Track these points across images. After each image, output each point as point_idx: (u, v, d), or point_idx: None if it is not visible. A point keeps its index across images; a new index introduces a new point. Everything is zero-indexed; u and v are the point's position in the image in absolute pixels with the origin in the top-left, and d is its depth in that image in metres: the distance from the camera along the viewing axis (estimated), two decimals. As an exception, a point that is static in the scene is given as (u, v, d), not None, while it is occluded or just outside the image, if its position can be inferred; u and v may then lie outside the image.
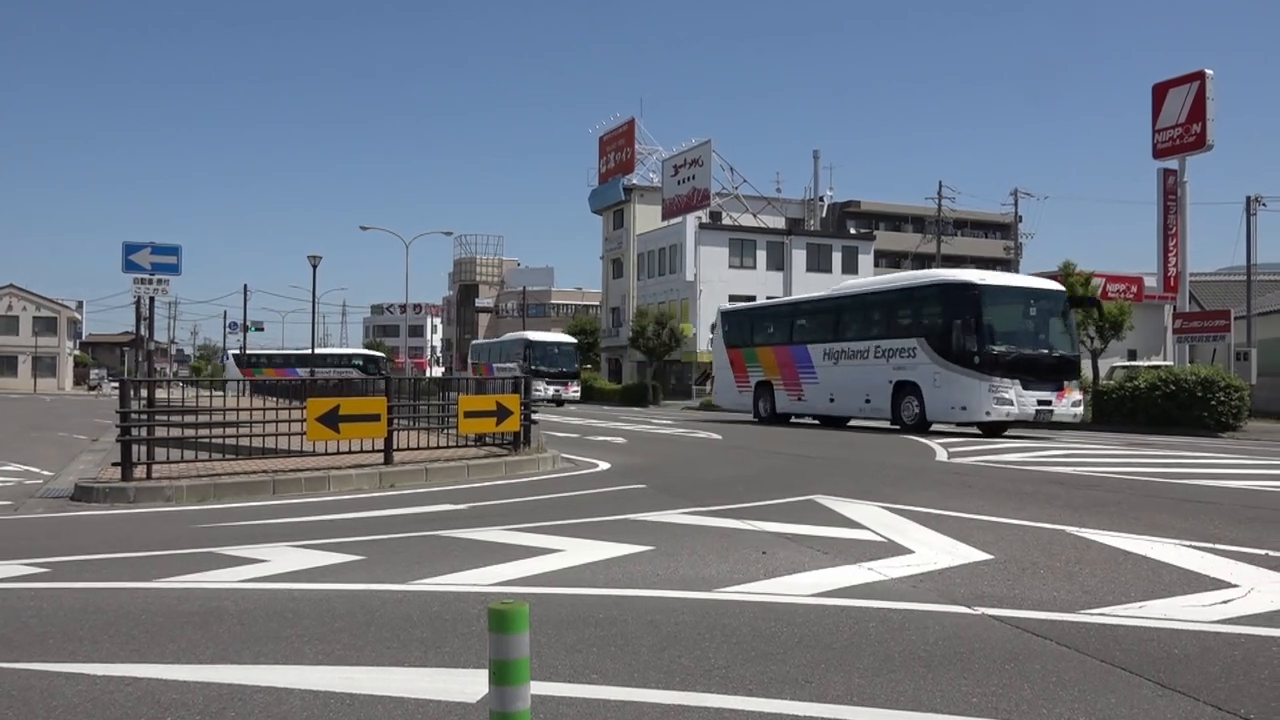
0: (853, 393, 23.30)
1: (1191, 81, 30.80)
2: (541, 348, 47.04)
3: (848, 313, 24.55)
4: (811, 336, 25.35)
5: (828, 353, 24.33)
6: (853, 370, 23.29)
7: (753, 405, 27.30)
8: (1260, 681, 3.74)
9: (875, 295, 24.02)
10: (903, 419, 21.46)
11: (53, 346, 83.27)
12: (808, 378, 25.07)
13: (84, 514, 9.43)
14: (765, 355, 27.12)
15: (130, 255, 15.18)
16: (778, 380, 26.36)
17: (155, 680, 3.87)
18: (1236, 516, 8.02)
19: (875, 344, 22.68)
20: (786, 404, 25.99)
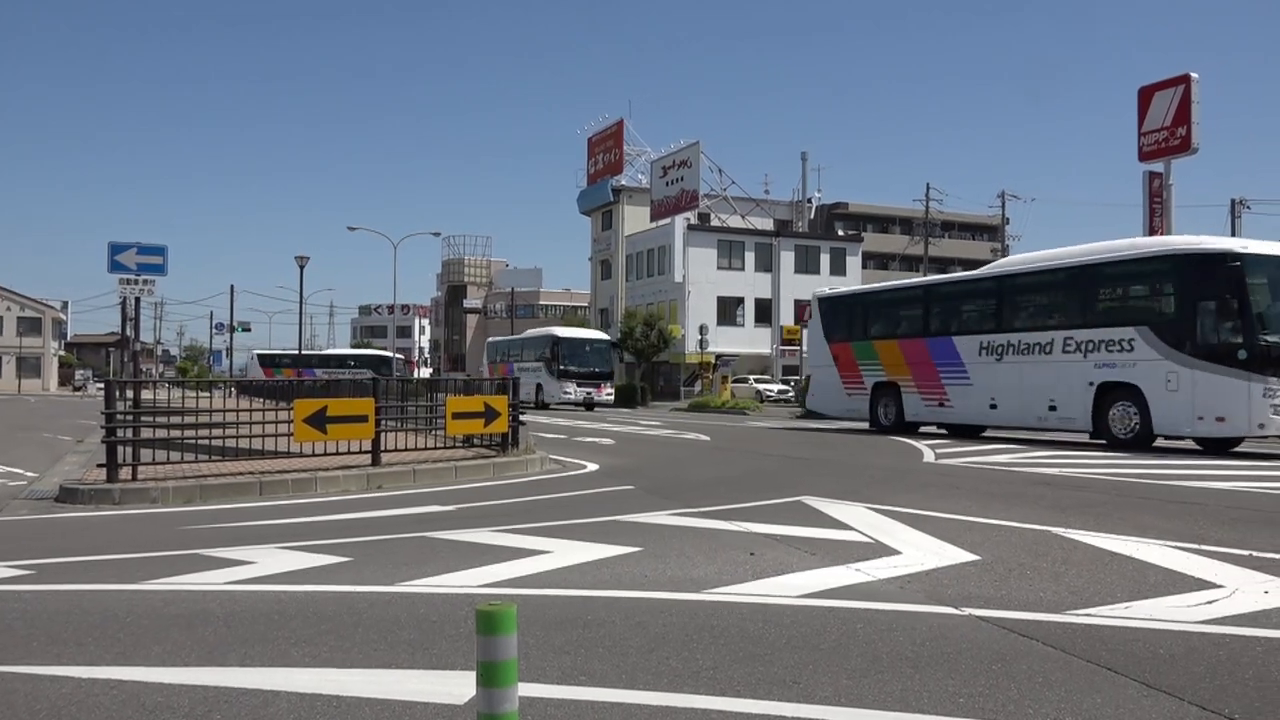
0: (1028, 397, 18.12)
1: (1177, 85, 31.00)
2: (570, 345, 41.89)
3: (1019, 295, 19.49)
4: (959, 326, 20.33)
5: (987, 346, 19.17)
6: (1027, 368, 18.18)
7: (869, 411, 22.28)
8: (1244, 681, 3.77)
9: (1065, 272, 18.26)
10: (1112, 431, 16.51)
11: (37, 347, 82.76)
12: (954, 378, 19.96)
13: (68, 516, 9.37)
14: (888, 350, 21.95)
15: (116, 255, 15.09)
16: (906, 381, 21.24)
17: (140, 683, 3.85)
18: (1221, 517, 8.07)
19: (1066, 335, 17.49)
20: (919, 410, 20.93)
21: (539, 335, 44.95)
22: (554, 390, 39.87)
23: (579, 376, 40.43)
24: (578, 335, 43.98)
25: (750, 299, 55.84)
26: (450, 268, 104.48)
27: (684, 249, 54.25)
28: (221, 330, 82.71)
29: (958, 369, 19.97)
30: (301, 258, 44.01)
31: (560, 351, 40.81)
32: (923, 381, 20.87)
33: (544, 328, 50.56)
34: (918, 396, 20.98)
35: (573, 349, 41.68)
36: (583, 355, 41.90)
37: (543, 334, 44.69)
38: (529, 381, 39.69)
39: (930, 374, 20.63)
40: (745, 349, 53.99)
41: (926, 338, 21.05)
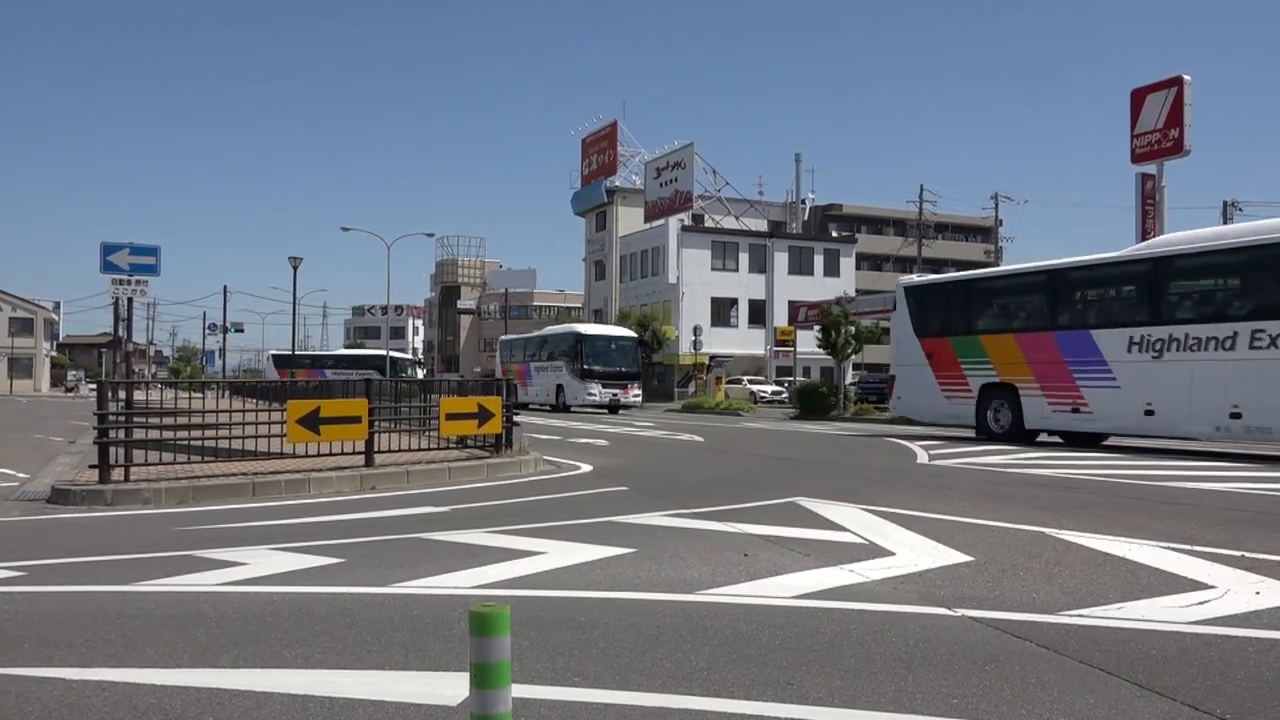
0: (1200, 401, 15.21)
1: (1169, 87, 31.10)
2: (595, 343, 38.52)
3: (1183, 279, 16.48)
4: (1098, 317, 17.41)
5: (1139, 341, 16.17)
6: (1197, 368, 15.26)
7: (976, 416, 19.23)
8: (1236, 682, 3.78)
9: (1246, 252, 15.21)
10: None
11: (29, 347, 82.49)
12: (1092, 378, 16.95)
13: (60, 517, 9.33)
14: (1000, 346, 18.89)
15: (108, 256, 15.06)
16: (1027, 381, 18.17)
17: (132, 684, 3.84)
18: (1213, 518, 8.09)
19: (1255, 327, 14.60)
20: (1044, 416, 17.89)
21: (560, 332, 41.87)
22: (577, 391, 37.33)
23: (604, 377, 37.42)
24: (603, 332, 40.91)
25: (744, 300, 55.90)
26: (444, 268, 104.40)
27: (678, 250, 54.28)
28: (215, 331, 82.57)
29: (1097, 367, 16.99)
30: (295, 258, 43.88)
31: (584, 350, 37.67)
32: (1049, 383, 17.87)
33: (565, 325, 47.50)
34: (1043, 399, 17.96)
35: (597, 347, 38.41)
36: (608, 354, 38.56)
37: (565, 331, 41.49)
38: (548, 382, 39.21)
39: (1060, 374, 17.63)
40: (739, 350, 54.05)
41: (1055, 331, 17.88)
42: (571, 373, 37.84)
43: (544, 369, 40.17)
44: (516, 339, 48.28)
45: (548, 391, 39.33)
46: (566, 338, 39.74)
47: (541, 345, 42.34)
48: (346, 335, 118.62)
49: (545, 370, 40.05)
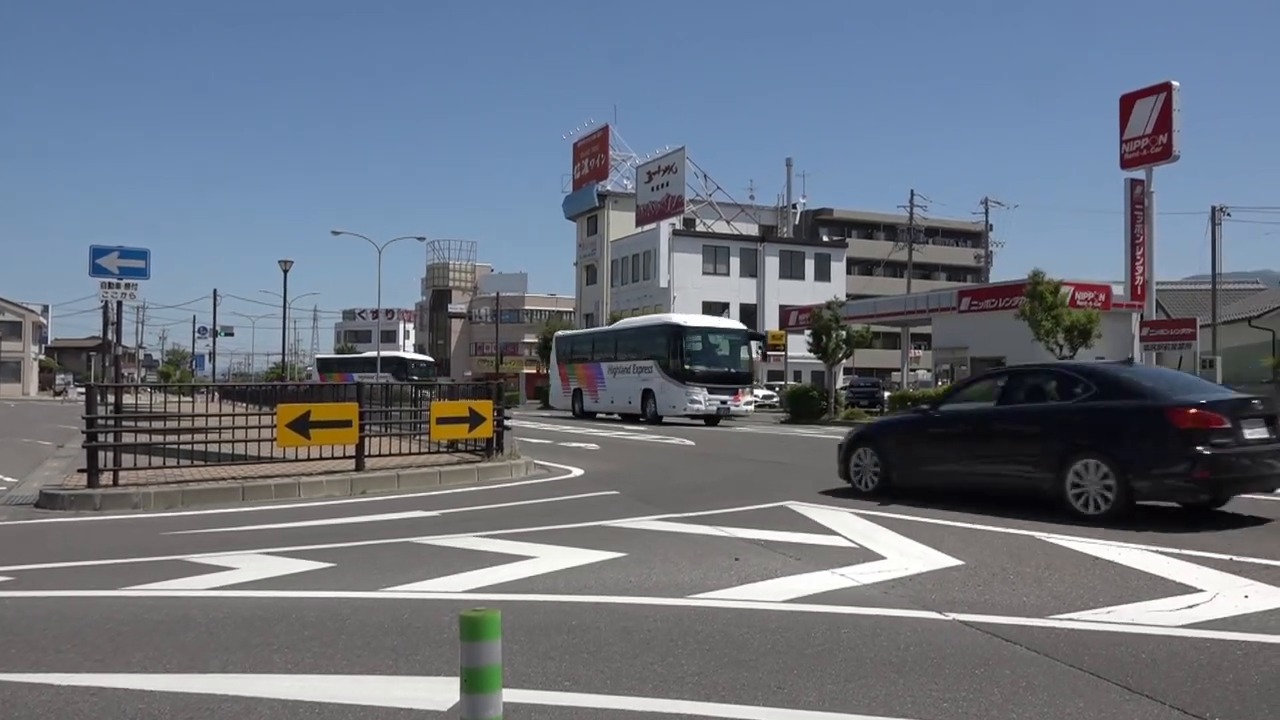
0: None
1: (1158, 93, 31.22)
2: (698, 337, 30.85)
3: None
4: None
5: None
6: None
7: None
8: (1225, 685, 3.79)
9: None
10: None
11: (17, 351, 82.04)
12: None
13: (49, 521, 9.28)
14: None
15: (98, 259, 14.97)
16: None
17: (121, 690, 3.82)
18: (1201, 523, 8.11)
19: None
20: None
21: (650, 325, 33.61)
22: (675, 398, 29.82)
23: (710, 380, 29.74)
24: (708, 324, 32.89)
25: (735, 304, 55.88)
26: (435, 272, 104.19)
27: (669, 254, 54.31)
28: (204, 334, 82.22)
29: None
30: (285, 262, 43.76)
31: (684, 346, 30.06)
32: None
33: (655, 315, 38.32)
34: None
35: (701, 342, 30.80)
36: (714, 351, 30.95)
37: (656, 323, 33.31)
38: (629, 387, 32.02)
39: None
40: (730, 354, 53.96)
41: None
42: (666, 375, 30.28)
43: (623, 371, 32.90)
44: (581, 334, 40.40)
45: (629, 398, 32.31)
46: (659, 331, 31.91)
47: (619, 340, 34.58)
48: (337, 339, 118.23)
49: (625, 372, 32.71)
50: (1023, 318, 25.78)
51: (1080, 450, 8.56)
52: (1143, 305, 32.67)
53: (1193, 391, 8.99)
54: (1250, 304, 38.96)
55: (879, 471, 10.44)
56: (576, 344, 37.80)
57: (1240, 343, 34.67)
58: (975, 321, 36.33)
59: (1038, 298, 25.30)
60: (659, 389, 30.51)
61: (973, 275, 67.59)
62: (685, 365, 29.76)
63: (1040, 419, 9.29)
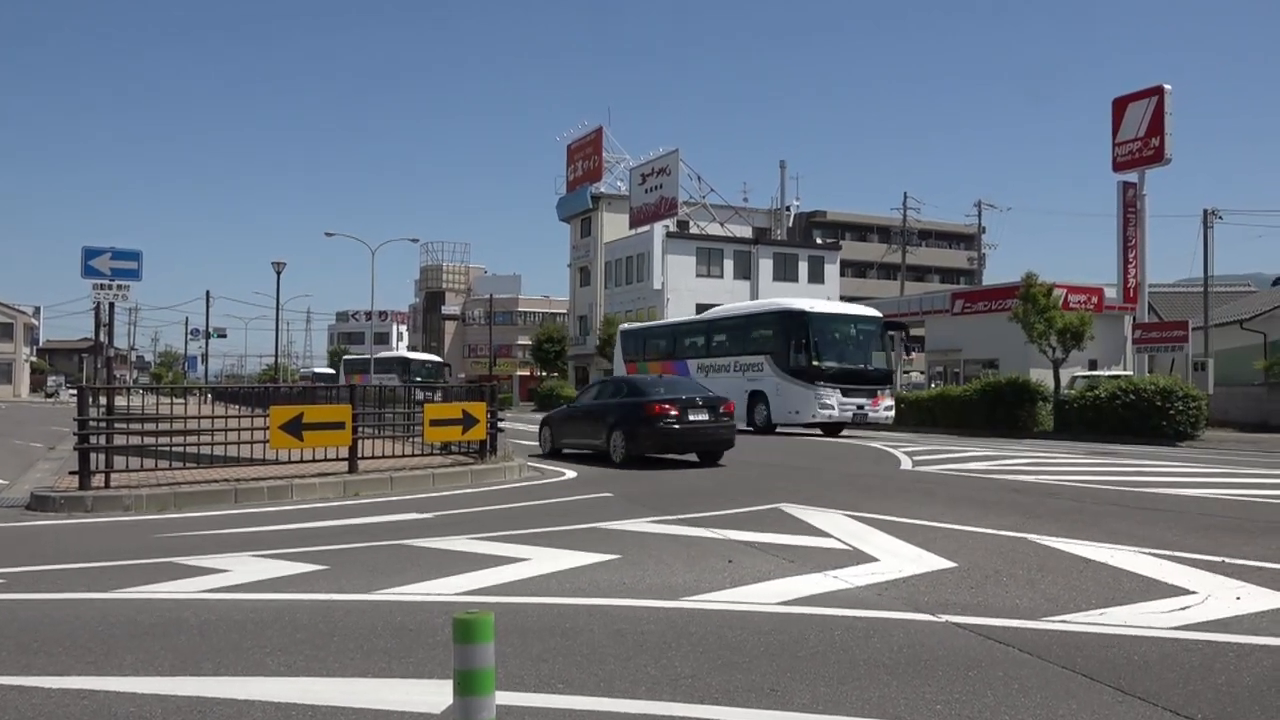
0: None
1: (1150, 96, 31.33)
2: (826, 326, 24.59)
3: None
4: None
5: None
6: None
7: None
8: (1217, 686, 3.80)
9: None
10: None
11: (9, 352, 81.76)
12: None
13: (40, 523, 9.25)
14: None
15: (90, 260, 14.91)
16: None
17: (112, 693, 3.81)
18: (1194, 524, 8.15)
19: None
20: None
21: (763, 312, 27.21)
22: (797, 401, 23.70)
23: (843, 379, 23.80)
24: (839, 310, 26.66)
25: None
26: (428, 274, 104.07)
27: (663, 256, 54.33)
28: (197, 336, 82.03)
29: None
30: (278, 263, 43.61)
31: (810, 337, 23.91)
32: None
33: (766, 301, 31.77)
34: None
35: (833, 333, 24.72)
36: (848, 344, 24.86)
37: (771, 309, 26.83)
38: (730, 390, 23.71)
39: None
40: (724, 356, 53.95)
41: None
42: (786, 373, 24.27)
43: (720, 370, 26.84)
44: (658, 326, 33.68)
45: None
46: (775, 319, 25.58)
47: (715, 332, 28.44)
48: (330, 341, 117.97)
49: (723, 371, 26.73)
50: (1015, 320, 25.84)
51: (614, 426, 14.89)
52: (1135, 308, 32.78)
53: (668, 392, 15.16)
54: (1242, 306, 39.06)
55: (551, 440, 17.12)
56: (652, 338, 31.93)
57: (1232, 345, 34.78)
58: (968, 324, 36.42)
59: (1031, 300, 25.35)
60: (774, 391, 24.50)
61: (966, 278, 67.75)
62: (813, 361, 23.64)
63: (603, 409, 15.72)
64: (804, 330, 24.09)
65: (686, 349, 29.28)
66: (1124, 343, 34.30)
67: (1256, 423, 29.17)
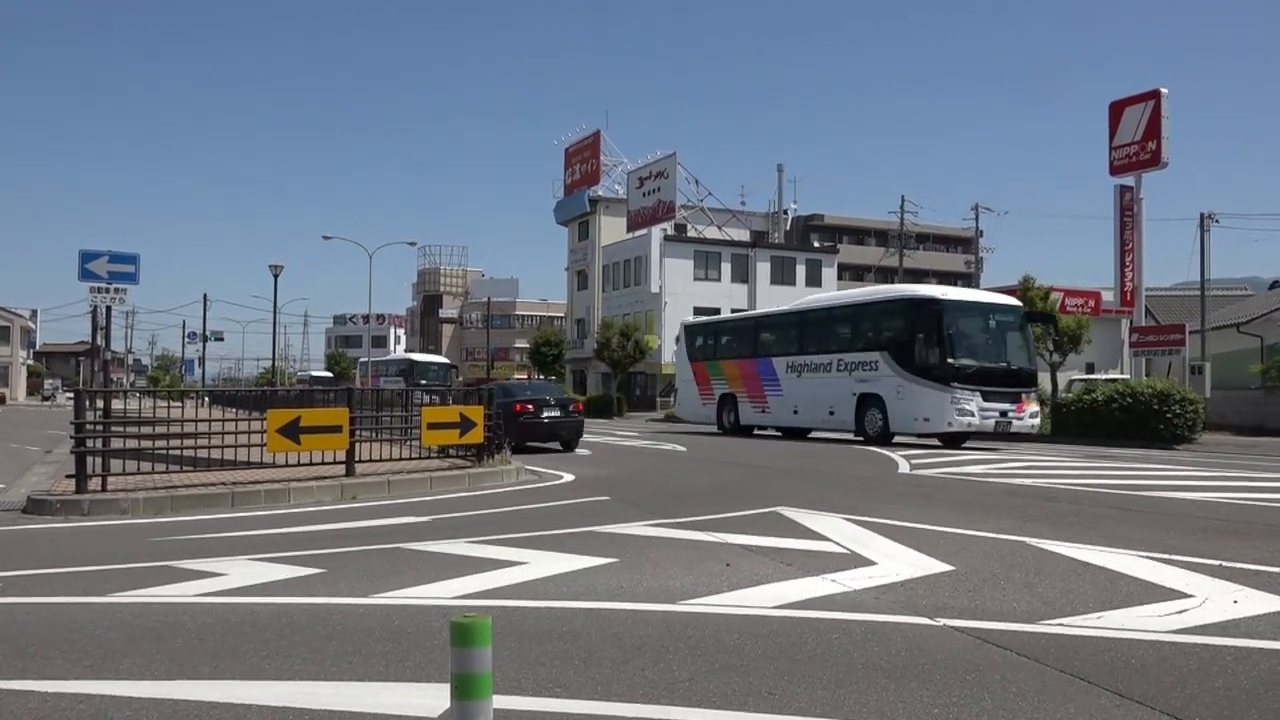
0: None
1: (1147, 100, 31.41)
2: (960, 317, 20.69)
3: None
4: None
5: None
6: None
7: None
8: (1215, 690, 3.80)
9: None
10: None
11: (5, 356, 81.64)
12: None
13: (36, 527, 9.23)
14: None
15: (87, 264, 14.89)
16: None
17: (109, 697, 3.80)
18: (1192, 527, 8.15)
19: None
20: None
21: (879, 300, 22.88)
22: (927, 406, 20.03)
23: (983, 380, 19.97)
24: (975, 298, 22.57)
25: (727, 310, 55.69)
26: (426, 277, 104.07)
27: (660, 259, 54.35)
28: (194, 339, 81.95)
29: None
30: (275, 266, 43.62)
31: (945, 331, 20.02)
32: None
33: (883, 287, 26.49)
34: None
35: (970, 325, 20.84)
36: (984, 339, 20.95)
37: (891, 297, 22.57)
38: (833, 392, 22.26)
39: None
40: (722, 360, 53.96)
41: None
42: (911, 372, 20.51)
43: (819, 368, 23.16)
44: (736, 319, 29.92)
45: (829, 408, 22.65)
46: (898, 309, 21.70)
47: (812, 324, 24.45)
48: (328, 344, 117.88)
49: (822, 371, 23.04)
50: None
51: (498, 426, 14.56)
52: (1132, 311, 32.83)
53: (529, 394, 19.71)
54: (1239, 310, 39.15)
55: None
56: (726, 332, 28.29)
57: (1229, 348, 34.85)
58: (966, 327, 36.32)
59: (1028, 304, 25.42)
60: (894, 394, 20.78)
61: (963, 281, 67.71)
62: (948, 358, 19.83)
63: None
64: (936, 321, 20.10)
65: (772, 345, 25.56)
66: (1121, 346, 34.36)
67: (1253, 426, 29.21)
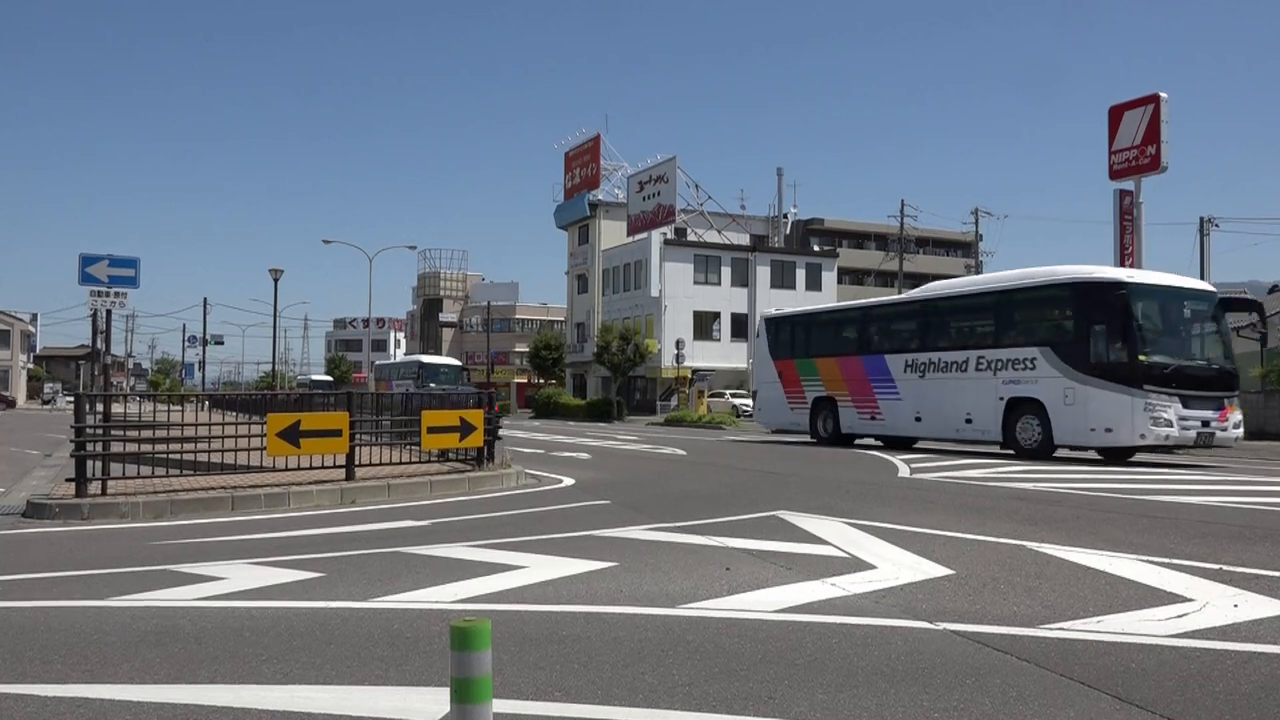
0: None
1: (1146, 104, 31.44)
2: (1151, 307, 17.06)
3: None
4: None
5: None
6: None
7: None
8: (1215, 694, 3.80)
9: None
10: None
11: (5, 360, 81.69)
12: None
13: (36, 531, 9.23)
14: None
15: (87, 268, 14.89)
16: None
17: (108, 701, 3.79)
18: (1192, 532, 8.14)
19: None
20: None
21: (1040, 285, 18.49)
22: (1111, 413, 16.42)
23: (1182, 383, 16.35)
24: (1164, 283, 17.69)
25: (726, 314, 56.04)
26: (426, 281, 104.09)
27: (660, 264, 54.40)
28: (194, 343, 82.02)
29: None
30: (276, 271, 43.61)
31: (1134, 322, 16.43)
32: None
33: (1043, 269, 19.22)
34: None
35: (1160, 316, 17.32)
36: (1179, 335, 17.65)
37: (1057, 280, 18.11)
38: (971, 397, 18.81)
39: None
40: (721, 363, 54.13)
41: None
42: (1083, 373, 16.87)
43: (955, 367, 19.44)
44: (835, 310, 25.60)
45: (966, 414, 18.98)
46: (1064, 295, 17.76)
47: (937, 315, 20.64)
48: (328, 348, 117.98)
49: (959, 370, 19.34)
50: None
51: None
52: (1132, 315, 32.79)
53: None
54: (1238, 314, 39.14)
55: None
56: (822, 325, 24.28)
57: (1228, 353, 34.82)
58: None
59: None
60: (1062, 398, 16.98)
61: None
62: (1138, 355, 16.17)
63: None
64: (1122, 309, 16.36)
65: (885, 340, 21.78)
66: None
67: (1254, 430, 29.13)
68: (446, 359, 65.78)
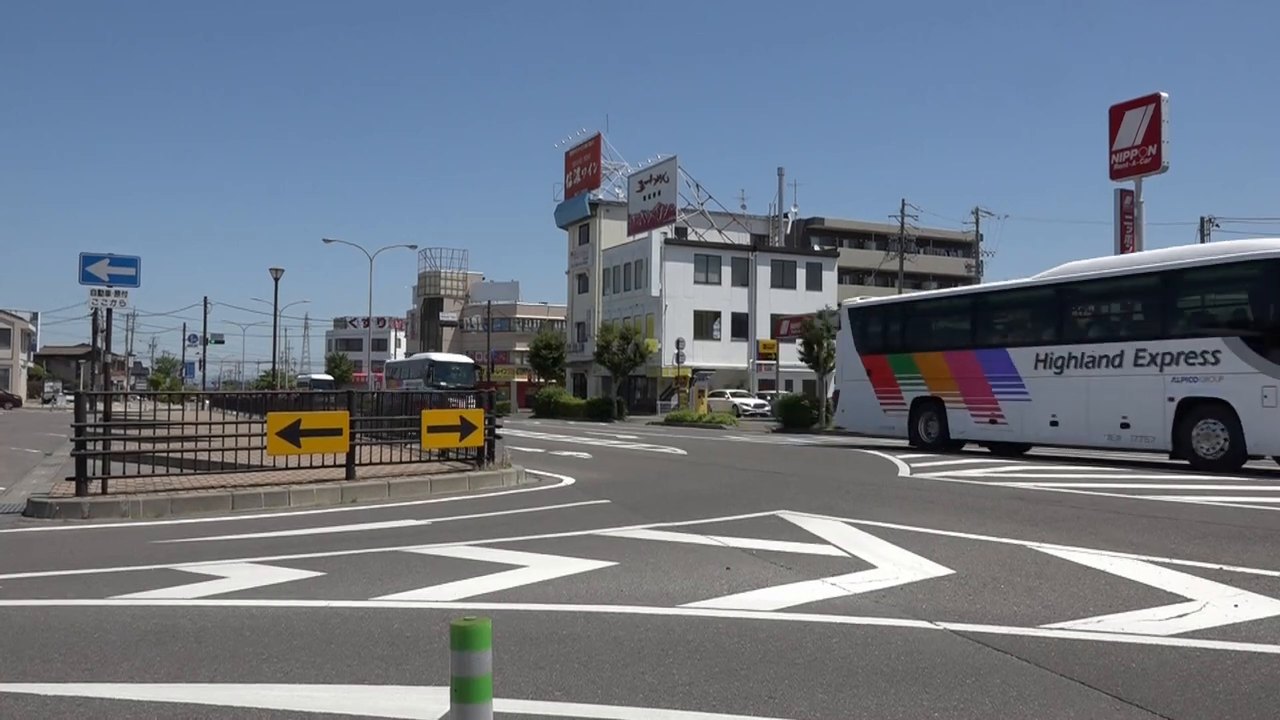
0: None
1: (1147, 104, 31.45)
2: None
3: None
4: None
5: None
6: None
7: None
8: (1215, 694, 3.80)
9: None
10: None
11: (6, 358, 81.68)
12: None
13: (36, 530, 9.23)
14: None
15: (87, 266, 14.88)
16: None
17: (108, 700, 3.79)
18: (1192, 532, 8.14)
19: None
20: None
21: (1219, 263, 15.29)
22: None
23: None
24: None
25: (727, 313, 56.04)
26: (426, 280, 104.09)
27: (661, 263, 54.40)
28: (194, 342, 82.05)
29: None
30: (276, 270, 43.59)
31: None
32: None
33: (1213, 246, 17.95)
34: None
35: None
36: None
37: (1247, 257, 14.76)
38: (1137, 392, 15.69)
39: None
40: (722, 363, 54.13)
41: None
42: None
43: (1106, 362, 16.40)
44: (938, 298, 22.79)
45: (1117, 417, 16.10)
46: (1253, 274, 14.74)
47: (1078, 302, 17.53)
48: (329, 347, 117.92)
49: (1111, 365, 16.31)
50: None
51: None
52: (1133, 315, 32.78)
53: None
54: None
55: None
56: (921, 315, 21.43)
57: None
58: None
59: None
60: (1257, 399, 14.13)
61: (963, 285, 67.78)
62: None
63: None
64: None
65: (1008, 331, 18.92)
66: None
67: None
68: (458, 357, 64.60)
